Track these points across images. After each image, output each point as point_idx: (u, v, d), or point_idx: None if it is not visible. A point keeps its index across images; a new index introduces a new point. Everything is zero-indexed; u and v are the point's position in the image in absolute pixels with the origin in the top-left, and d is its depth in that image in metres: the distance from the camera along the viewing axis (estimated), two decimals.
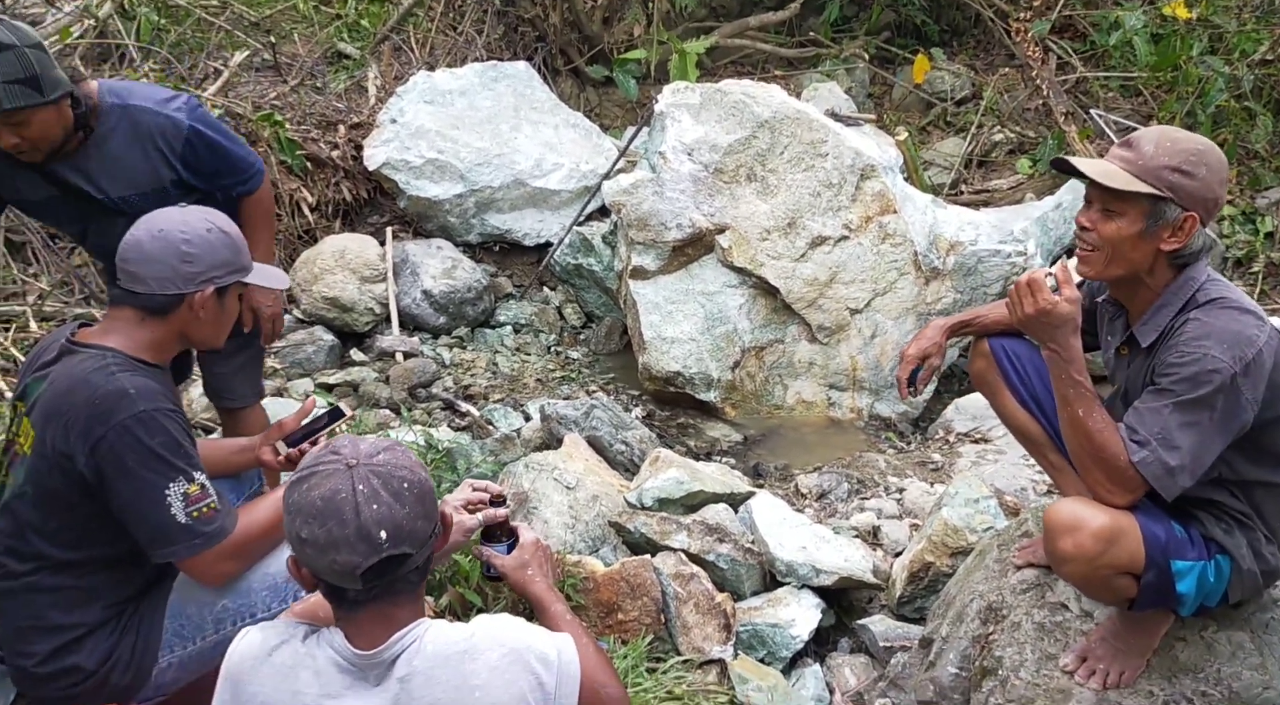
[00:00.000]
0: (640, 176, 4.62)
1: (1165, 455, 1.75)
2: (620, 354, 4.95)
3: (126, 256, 1.97)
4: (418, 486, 1.40)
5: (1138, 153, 1.81)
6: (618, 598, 2.76)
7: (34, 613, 1.97)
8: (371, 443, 1.43)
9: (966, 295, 4.66)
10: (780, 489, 3.77)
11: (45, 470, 1.92)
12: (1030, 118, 6.41)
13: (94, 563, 1.99)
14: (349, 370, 4.45)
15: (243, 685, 1.40)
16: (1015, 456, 3.71)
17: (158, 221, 2.00)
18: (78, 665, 1.96)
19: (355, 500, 1.34)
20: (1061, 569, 1.85)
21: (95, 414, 1.87)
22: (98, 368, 1.91)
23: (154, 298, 1.98)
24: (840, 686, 2.76)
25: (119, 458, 1.87)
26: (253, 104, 5.05)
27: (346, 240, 4.86)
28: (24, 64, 2.20)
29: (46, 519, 1.94)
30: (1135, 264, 1.86)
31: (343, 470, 1.37)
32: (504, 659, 1.39)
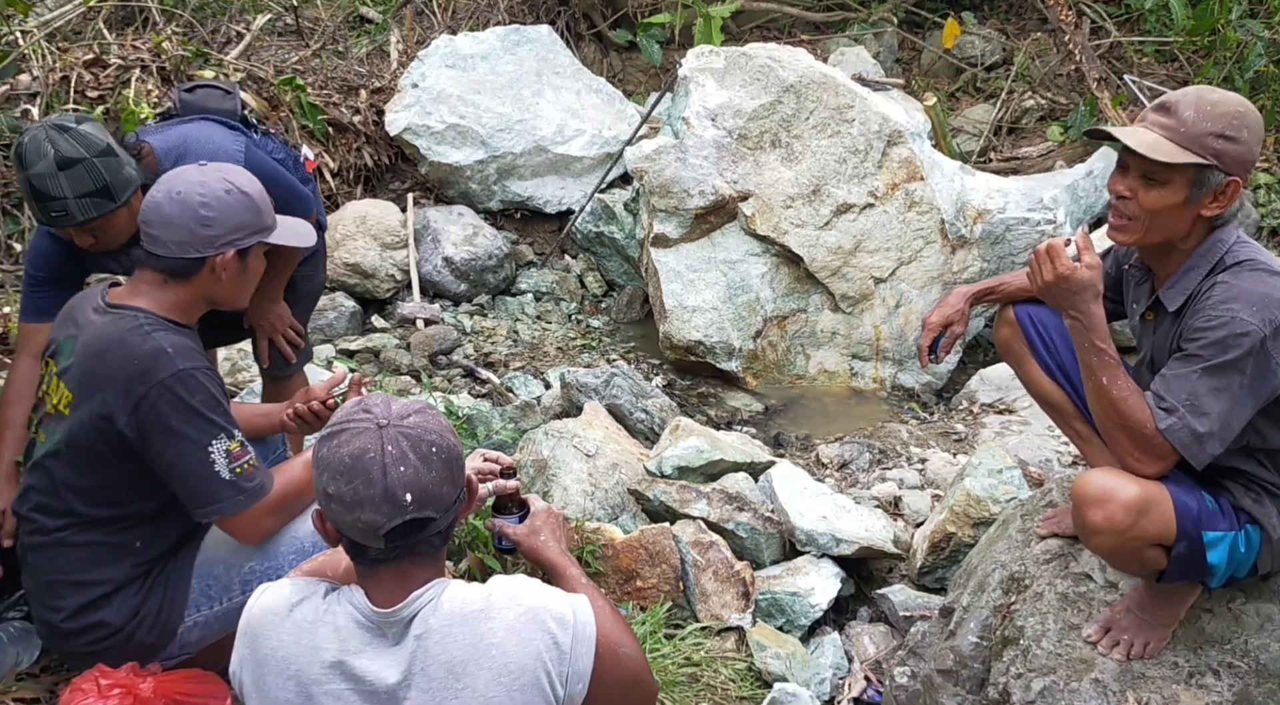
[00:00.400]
0: (663, 143, 4.57)
1: (1193, 421, 1.71)
2: (641, 322, 4.93)
3: (147, 219, 1.97)
4: (446, 451, 1.40)
5: (1178, 119, 1.75)
6: (637, 565, 2.76)
7: (63, 568, 2.00)
8: (404, 404, 1.43)
9: (994, 264, 4.59)
10: (801, 459, 3.76)
11: (82, 430, 1.93)
12: (1062, 84, 6.27)
13: (126, 520, 2.01)
14: (370, 336, 4.45)
15: (262, 640, 1.41)
16: (1040, 427, 3.67)
17: (176, 183, 1.99)
18: (104, 621, 1.99)
19: (383, 461, 1.34)
20: (1091, 541, 1.82)
21: (135, 373, 1.89)
22: (132, 328, 1.93)
23: (175, 260, 1.98)
24: (859, 655, 2.76)
25: (161, 416, 1.89)
26: (274, 68, 5.03)
27: (368, 206, 4.85)
28: (94, 176, 2.22)
29: (81, 476, 1.96)
30: (1174, 231, 1.81)
31: (373, 430, 1.36)
32: (520, 618, 1.39)
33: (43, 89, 4.23)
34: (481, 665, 1.36)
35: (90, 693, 1.83)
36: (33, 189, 2.21)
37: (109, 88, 4.38)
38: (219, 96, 2.78)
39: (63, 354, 2.00)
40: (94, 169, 2.21)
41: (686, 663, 2.58)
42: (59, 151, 2.18)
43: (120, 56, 4.53)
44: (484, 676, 1.35)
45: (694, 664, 2.59)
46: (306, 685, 1.37)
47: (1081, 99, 5.96)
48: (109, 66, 4.46)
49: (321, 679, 1.37)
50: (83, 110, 4.20)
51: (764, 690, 2.56)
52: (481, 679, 1.35)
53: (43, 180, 2.19)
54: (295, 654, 1.38)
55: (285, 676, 1.38)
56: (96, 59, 4.46)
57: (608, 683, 1.45)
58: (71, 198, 2.20)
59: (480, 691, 1.35)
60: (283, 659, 1.38)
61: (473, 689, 1.35)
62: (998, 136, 6.14)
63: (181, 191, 1.97)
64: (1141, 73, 5.94)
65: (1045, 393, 2.17)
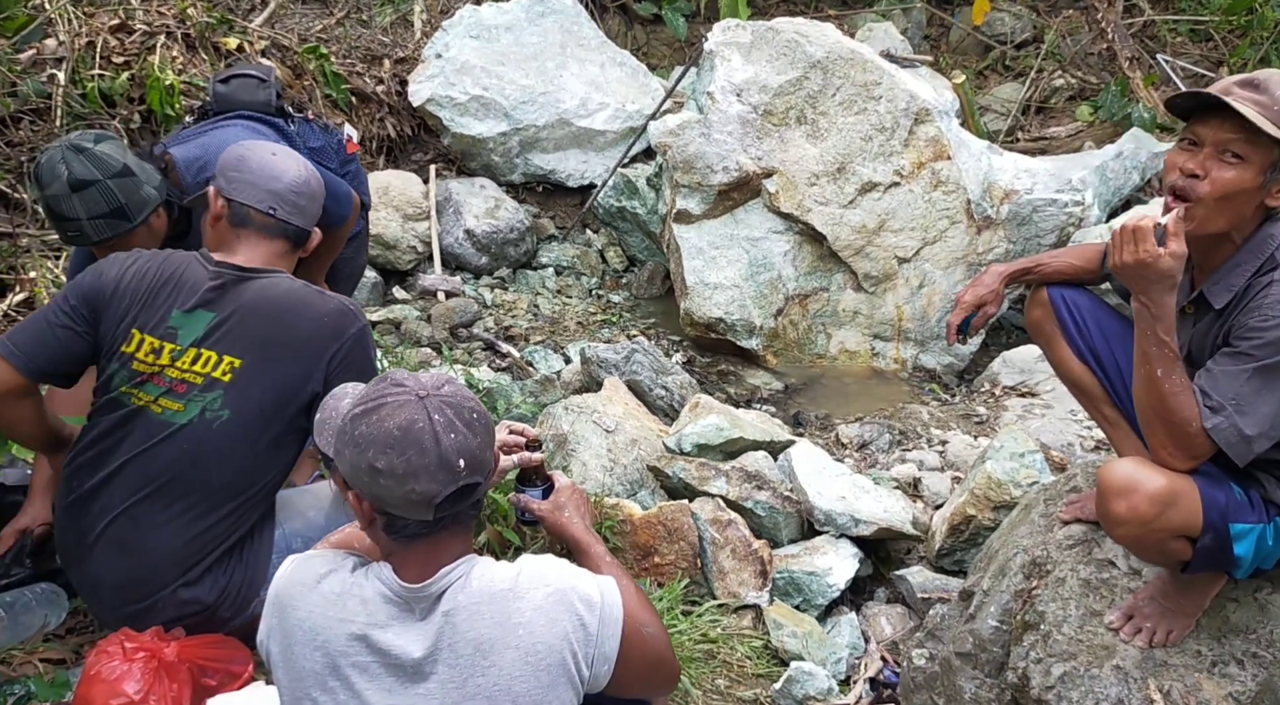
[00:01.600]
0: (687, 117, 4.53)
1: (1240, 421, 1.68)
2: (662, 299, 4.92)
3: (301, 191, 2.10)
4: (484, 417, 1.42)
5: (1270, 97, 1.69)
6: (655, 541, 2.76)
7: (176, 538, 1.98)
8: (431, 375, 1.43)
9: (1019, 246, 4.54)
10: (820, 438, 3.74)
11: (257, 393, 1.97)
12: (1093, 63, 6.17)
13: (249, 490, 2.02)
14: (391, 308, 4.46)
15: (290, 610, 1.42)
16: (1063, 411, 3.64)
17: (305, 162, 2.16)
18: (198, 598, 2.01)
19: (434, 430, 1.34)
20: (1114, 532, 1.80)
21: (330, 330, 2.00)
22: (302, 287, 2.04)
23: (304, 232, 2.13)
24: (876, 635, 2.76)
25: (351, 368, 2.01)
26: (299, 36, 5.01)
27: (390, 177, 4.85)
28: (108, 198, 2.23)
29: (234, 444, 1.97)
30: (1238, 217, 1.75)
31: (414, 401, 1.36)
32: (548, 599, 1.39)
33: (68, 54, 4.22)
34: (508, 644, 1.36)
35: (116, 655, 1.85)
36: (49, 209, 2.23)
37: (134, 53, 4.37)
38: (253, 87, 2.75)
39: (187, 327, 1.98)
40: (108, 191, 2.22)
41: (703, 639, 2.59)
42: (72, 173, 2.20)
43: (145, 22, 4.52)
44: (510, 655, 1.36)
45: (710, 641, 2.60)
46: (333, 656, 1.38)
47: (1112, 79, 5.87)
48: (134, 32, 4.45)
49: (348, 651, 1.37)
50: (108, 76, 4.20)
51: (780, 668, 2.57)
52: (508, 657, 1.36)
53: (57, 201, 2.21)
54: (322, 625, 1.39)
55: (312, 647, 1.39)
56: (122, 24, 4.45)
57: (632, 663, 1.45)
58: (85, 219, 2.22)
59: (506, 670, 1.36)
60: (310, 630, 1.39)
61: (499, 667, 1.36)
62: (1026, 116, 6.06)
63: (313, 170, 2.17)
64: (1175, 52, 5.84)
65: (1074, 375, 2.15)
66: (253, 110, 2.71)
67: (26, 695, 2.03)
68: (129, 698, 1.79)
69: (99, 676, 1.82)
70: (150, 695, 1.80)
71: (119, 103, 4.23)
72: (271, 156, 2.11)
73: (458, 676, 1.36)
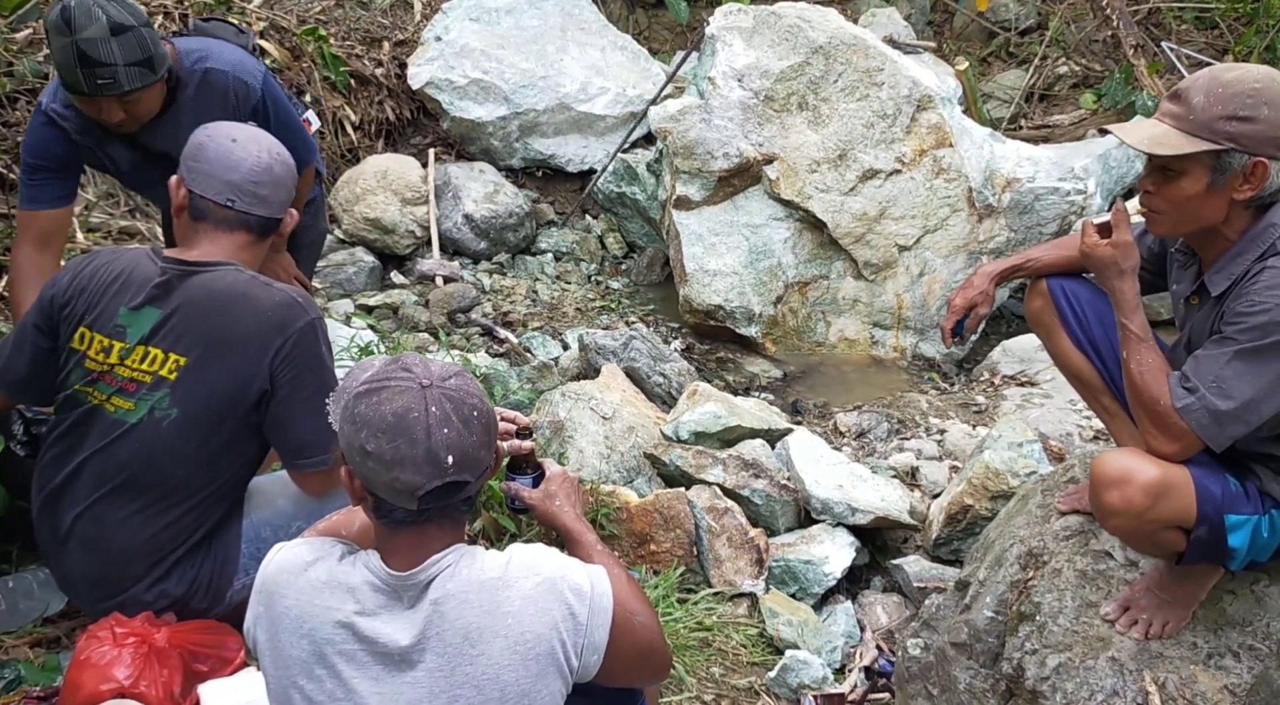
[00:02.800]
0: (688, 103, 4.50)
1: (1215, 403, 1.67)
2: (661, 285, 4.89)
3: (260, 180, 1.98)
4: (485, 416, 1.39)
5: (1187, 107, 1.70)
6: (650, 529, 2.75)
7: (137, 536, 1.97)
8: (442, 365, 1.41)
9: (1020, 234, 4.52)
10: (819, 426, 3.73)
11: (203, 393, 1.91)
12: (1097, 50, 6.13)
13: (204, 496, 2.00)
14: (389, 292, 4.44)
15: (277, 598, 1.41)
16: (1062, 401, 3.63)
17: (271, 145, 2.03)
18: (167, 592, 1.99)
19: (427, 422, 1.32)
20: (1107, 523, 1.79)
21: (272, 325, 1.91)
22: (248, 280, 1.94)
23: (271, 221, 2.03)
24: (871, 624, 2.75)
25: (297, 365, 1.92)
26: (297, 18, 4.97)
27: (389, 161, 4.82)
28: (142, 45, 2.20)
29: (183, 443, 1.93)
30: (1207, 219, 1.76)
31: (416, 389, 1.34)
32: (537, 588, 1.38)
33: None
34: (497, 633, 1.35)
35: (106, 640, 1.84)
36: (81, 54, 2.15)
37: None
38: (233, 32, 2.76)
39: (134, 325, 1.94)
40: (142, 38, 2.19)
41: (698, 627, 2.59)
42: (110, 17, 2.15)
43: (144, 1, 4.48)
44: (499, 644, 1.35)
45: (705, 629, 2.60)
46: (320, 644, 1.37)
47: (1117, 66, 5.83)
48: None
49: (334, 638, 1.36)
50: None
51: (775, 656, 2.57)
52: (496, 646, 1.35)
53: (94, 45, 2.14)
54: (309, 613, 1.38)
55: (299, 635, 1.38)
56: None
57: (623, 651, 1.44)
58: (122, 65, 2.17)
59: (494, 659, 1.35)
60: (296, 617, 1.38)
61: (487, 656, 1.35)
62: (1029, 103, 6.02)
63: (280, 154, 2.03)
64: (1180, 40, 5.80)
65: (1074, 366, 2.14)
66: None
67: (17, 679, 2.03)
68: (119, 683, 1.78)
69: (89, 661, 1.81)
70: (141, 680, 1.80)
71: None
72: (230, 144, 1.99)
73: (445, 665, 1.35)
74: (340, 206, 4.65)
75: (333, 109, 4.84)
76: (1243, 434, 1.71)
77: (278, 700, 1.42)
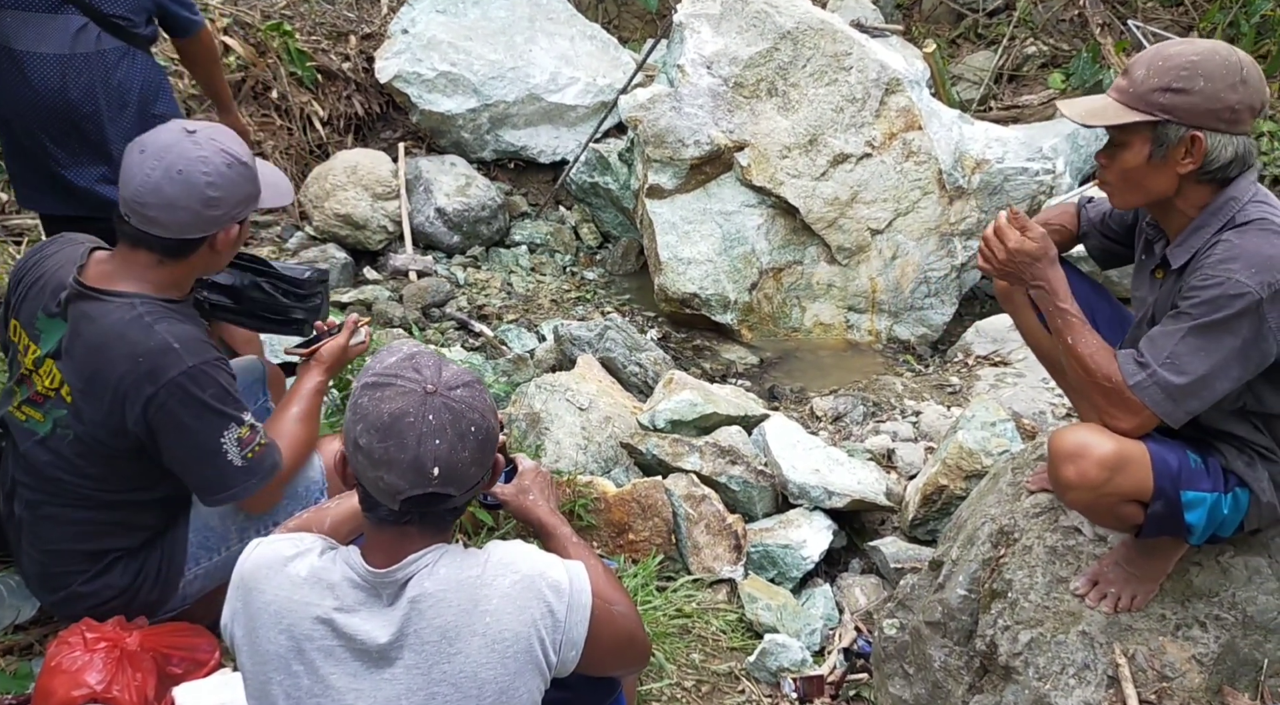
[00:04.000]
0: (658, 91, 4.49)
1: (1168, 378, 1.69)
2: (636, 275, 4.89)
3: (144, 200, 1.82)
4: (484, 433, 1.37)
5: (1130, 79, 1.73)
6: (629, 518, 2.76)
7: (70, 538, 1.97)
8: (456, 372, 1.39)
9: (991, 215, 4.54)
10: (795, 411, 3.75)
11: (89, 423, 1.88)
12: (1065, 29, 6.16)
13: (134, 504, 1.99)
14: (362, 288, 4.42)
15: (255, 593, 1.40)
16: (1035, 380, 3.66)
17: (174, 160, 1.82)
18: (110, 584, 1.99)
19: (420, 430, 1.32)
20: (1065, 496, 1.81)
21: (143, 373, 1.81)
22: (131, 320, 1.83)
23: (174, 241, 1.87)
24: (850, 606, 2.77)
25: (172, 414, 1.83)
26: (261, 13, 4.92)
27: (359, 156, 4.78)
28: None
29: (89, 464, 1.92)
30: (1156, 191, 1.79)
31: (419, 393, 1.33)
32: (515, 586, 1.38)
33: None
34: (475, 631, 1.35)
35: (77, 646, 1.83)
36: None
37: None
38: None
39: (46, 334, 1.90)
40: None
41: (678, 614, 2.60)
42: None
43: None
44: (476, 642, 1.35)
45: (685, 615, 2.60)
46: (298, 640, 1.36)
47: (1084, 45, 5.86)
48: None
49: (313, 634, 1.36)
50: None
51: (755, 641, 2.58)
52: (474, 645, 1.35)
53: None
54: (288, 608, 1.37)
55: (277, 630, 1.37)
56: None
57: (602, 644, 1.45)
58: None
59: (472, 657, 1.35)
60: (275, 613, 1.38)
61: (465, 654, 1.35)
62: (998, 84, 6.04)
63: (183, 170, 1.82)
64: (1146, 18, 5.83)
65: (1041, 344, 2.15)
66: None
67: None
68: (91, 688, 1.77)
69: (60, 667, 1.79)
70: (113, 685, 1.79)
71: None
72: (138, 155, 1.84)
73: (423, 663, 1.35)
74: (310, 203, 4.62)
75: (300, 105, 4.81)
76: (1199, 410, 1.72)
77: (255, 695, 1.42)
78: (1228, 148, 1.71)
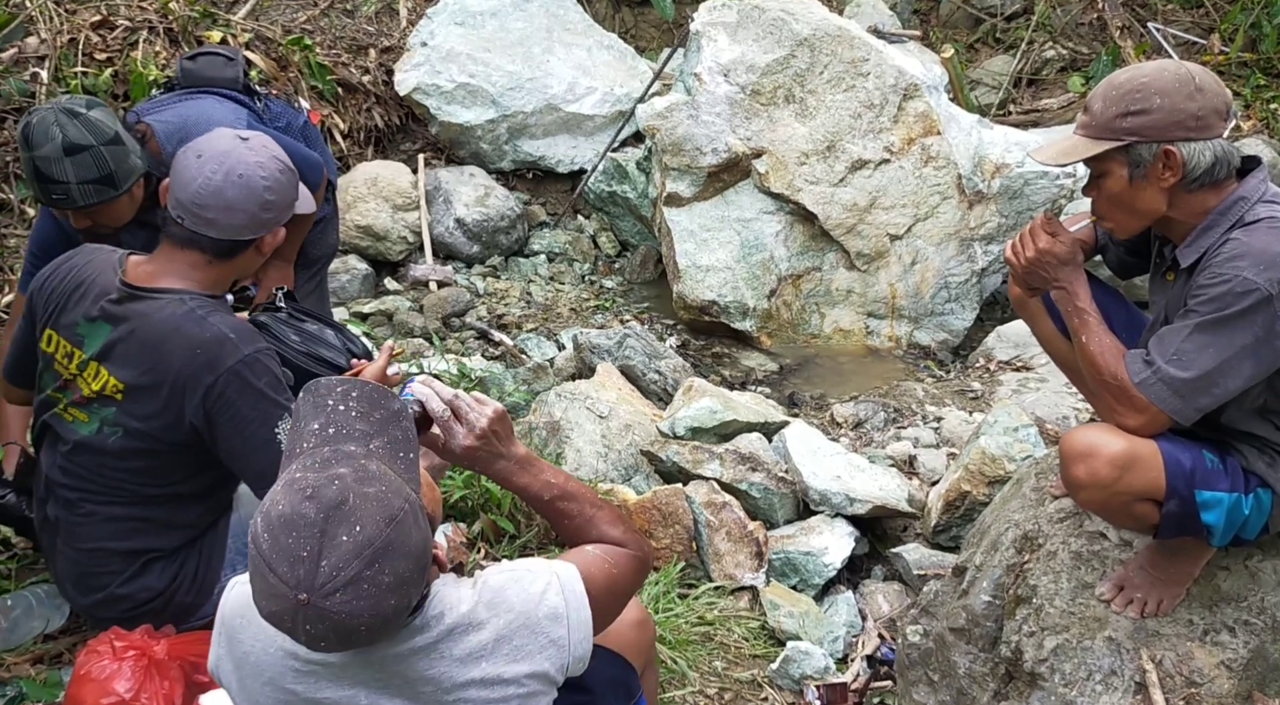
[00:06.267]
0: (675, 100, 4.51)
1: (1173, 373, 1.69)
2: (655, 283, 4.90)
3: (205, 203, 1.89)
4: (381, 621, 1.19)
5: (1090, 114, 1.79)
6: (650, 525, 2.76)
7: (109, 537, 2.00)
8: (336, 561, 1.15)
9: (1011, 220, 4.52)
10: (815, 418, 3.74)
11: (143, 418, 1.91)
12: (1084, 33, 6.13)
13: (176, 498, 2.02)
14: (383, 299, 4.45)
15: (235, 642, 1.37)
16: (1057, 384, 3.63)
17: (235, 164, 1.91)
18: (148, 586, 2.01)
19: (293, 624, 1.18)
20: (1077, 496, 1.83)
21: (201, 364, 1.86)
22: (184, 314, 1.89)
23: (226, 243, 1.94)
24: (873, 613, 2.76)
25: (231, 404, 1.88)
26: (282, 28, 4.98)
27: (379, 168, 4.82)
28: (99, 164, 2.21)
29: (134, 458, 1.95)
30: (1149, 210, 1.80)
31: (289, 601, 1.16)
32: (510, 626, 1.34)
33: (51, 51, 4.19)
34: (472, 680, 1.32)
35: (105, 655, 1.85)
36: (36, 170, 2.20)
37: (117, 49, 4.35)
38: (221, 64, 2.75)
39: (90, 338, 1.94)
40: (100, 157, 2.20)
41: (700, 622, 2.59)
42: (67, 136, 2.17)
43: (128, 17, 4.49)
44: (473, 690, 1.32)
45: (707, 623, 2.60)
46: (284, 692, 1.33)
47: (1104, 48, 5.83)
48: (117, 28, 4.42)
49: (298, 688, 1.33)
50: (91, 73, 4.18)
51: (777, 648, 2.57)
52: (471, 691, 1.32)
53: (48, 163, 2.18)
54: (266, 661, 1.34)
55: (261, 682, 1.35)
56: (104, 20, 4.42)
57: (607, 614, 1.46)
58: (75, 183, 2.19)
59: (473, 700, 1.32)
60: (254, 665, 1.35)
61: (465, 699, 1.32)
62: (1017, 88, 6.02)
63: (244, 175, 1.91)
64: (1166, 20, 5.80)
65: (1060, 350, 2.14)
66: (220, 87, 2.70)
67: (19, 696, 2.04)
68: (119, 696, 1.79)
69: (89, 676, 1.82)
70: (142, 693, 1.80)
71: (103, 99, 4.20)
72: (195, 160, 1.92)
73: None
74: None
75: (321, 118, 4.85)
76: (1210, 406, 1.72)
77: None
78: (1205, 153, 1.72)
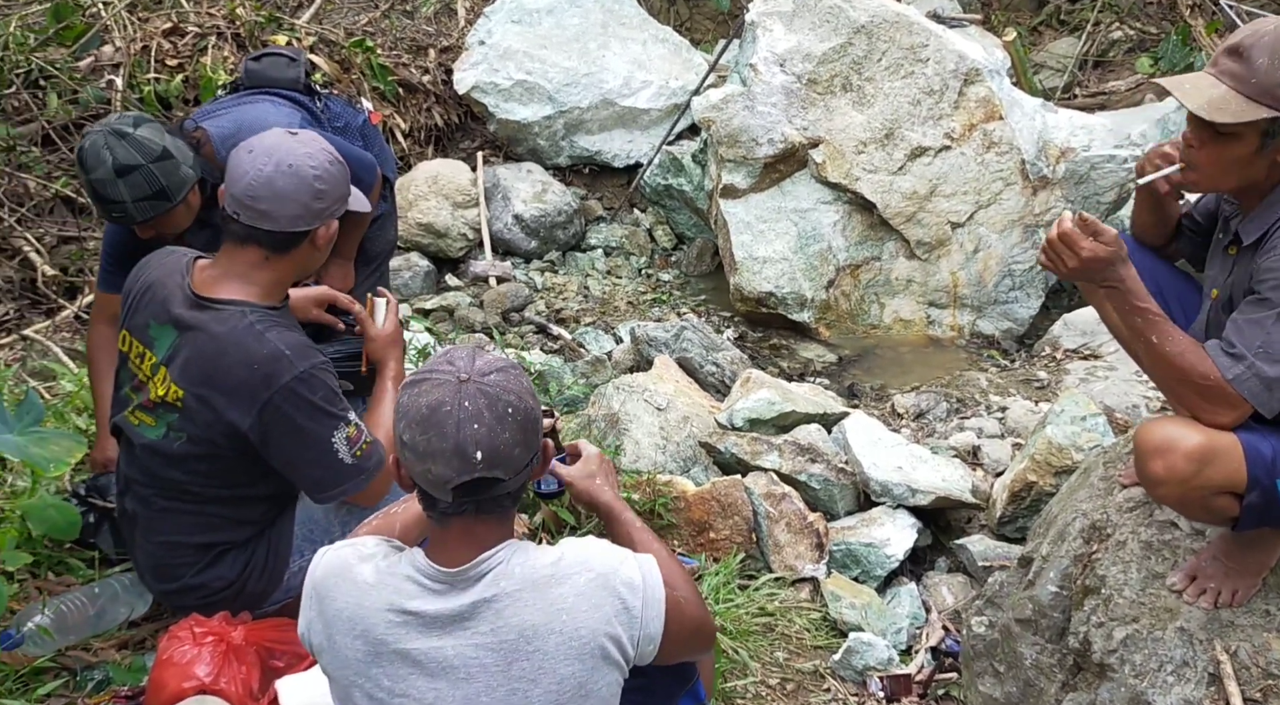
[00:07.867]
0: (730, 91, 4.49)
1: (1264, 368, 1.62)
2: (712, 275, 4.89)
3: (257, 194, 1.92)
4: (522, 414, 1.39)
5: (1249, 67, 1.63)
6: (709, 517, 2.77)
7: (182, 531, 2.08)
8: (489, 360, 1.41)
9: (1078, 205, 4.42)
10: (876, 409, 3.70)
11: (203, 426, 1.97)
12: (1152, 12, 5.96)
13: (242, 499, 2.09)
14: (444, 295, 4.52)
15: (328, 602, 1.43)
16: (1127, 373, 3.55)
17: (284, 155, 1.94)
18: (220, 576, 2.09)
19: (457, 416, 1.34)
20: (1154, 492, 1.76)
21: (257, 380, 1.91)
22: (244, 329, 1.93)
23: (281, 235, 1.97)
24: (937, 605, 2.73)
25: (287, 419, 1.93)
26: (345, 30, 5.08)
27: (439, 166, 4.90)
28: (150, 181, 2.30)
29: (198, 463, 2.02)
30: (1251, 177, 1.72)
31: (453, 383, 1.36)
32: (590, 584, 1.40)
33: (125, 59, 4.34)
34: (552, 629, 1.37)
35: (186, 640, 1.92)
36: (94, 191, 2.32)
37: (187, 55, 4.49)
38: (283, 64, 2.83)
39: (160, 341, 2.00)
40: (150, 175, 2.29)
41: (760, 613, 2.60)
42: (116, 159, 2.26)
43: (197, 24, 4.63)
44: (554, 640, 1.37)
45: (768, 614, 2.60)
46: (374, 643, 1.39)
47: (1173, 28, 5.66)
48: (186, 34, 4.56)
49: (388, 637, 1.39)
50: (163, 79, 4.32)
51: (839, 640, 2.57)
52: (551, 642, 1.37)
53: (103, 185, 2.28)
54: (359, 614, 1.40)
55: (353, 636, 1.40)
56: (175, 27, 4.57)
57: (674, 635, 1.46)
58: (130, 201, 2.30)
59: (550, 654, 1.37)
60: (348, 619, 1.41)
61: (543, 652, 1.37)
62: (1083, 71, 5.88)
63: (293, 165, 1.94)
64: None
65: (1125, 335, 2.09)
66: (281, 87, 2.78)
67: (105, 680, 2.12)
68: (200, 680, 1.85)
69: (171, 660, 1.89)
70: (220, 677, 1.87)
71: (174, 104, 4.34)
72: (246, 155, 1.95)
73: (502, 661, 1.37)
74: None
75: (383, 118, 4.94)
76: None
77: (340, 699, 1.46)
78: None
